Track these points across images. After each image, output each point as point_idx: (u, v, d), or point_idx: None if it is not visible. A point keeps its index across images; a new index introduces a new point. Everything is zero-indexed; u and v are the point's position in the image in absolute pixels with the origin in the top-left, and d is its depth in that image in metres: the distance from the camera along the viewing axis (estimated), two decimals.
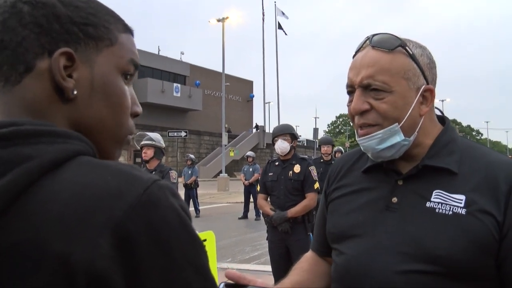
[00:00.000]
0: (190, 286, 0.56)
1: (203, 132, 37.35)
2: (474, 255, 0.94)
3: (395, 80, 1.01)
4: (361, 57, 1.06)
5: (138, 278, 0.53)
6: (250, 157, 13.35)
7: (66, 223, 0.52)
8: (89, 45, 0.65)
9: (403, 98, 1.02)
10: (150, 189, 0.56)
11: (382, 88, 1.01)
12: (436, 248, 0.96)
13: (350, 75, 1.07)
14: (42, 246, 0.50)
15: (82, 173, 0.56)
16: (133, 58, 0.71)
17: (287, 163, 4.42)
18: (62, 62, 0.62)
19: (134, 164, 5.40)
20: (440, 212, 0.99)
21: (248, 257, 7.54)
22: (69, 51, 0.63)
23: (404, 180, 1.07)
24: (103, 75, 0.66)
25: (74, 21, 0.64)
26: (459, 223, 0.96)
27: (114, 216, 0.52)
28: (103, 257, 0.51)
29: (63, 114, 0.63)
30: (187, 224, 0.58)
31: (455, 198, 0.99)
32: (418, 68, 1.04)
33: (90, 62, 0.65)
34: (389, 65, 1.02)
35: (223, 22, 28.25)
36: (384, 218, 1.05)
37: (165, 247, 0.55)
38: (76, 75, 0.64)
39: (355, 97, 1.04)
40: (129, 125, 0.71)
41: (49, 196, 0.53)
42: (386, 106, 1.01)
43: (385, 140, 1.03)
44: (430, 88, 1.06)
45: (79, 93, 0.64)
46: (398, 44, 1.03)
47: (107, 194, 0.54)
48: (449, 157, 1.04)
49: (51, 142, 0.58)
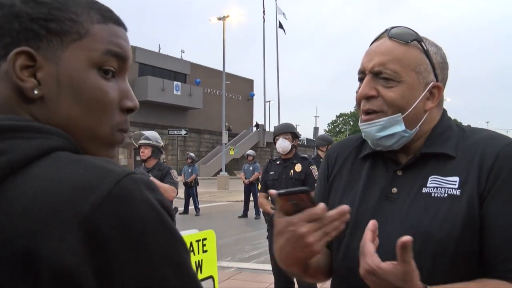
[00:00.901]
0: (167, 282, 0.54)
1: (203, 131, 37.34)
2: (469, 235, 0.96)
3: (406, 71, 1.03)
4: (376, 46, 1.09)
5: (109, 274, 0.51)
6: (250, 156, 13.35)
7: (32, 219, 0.50)
8: (53, 41, 0.62)
9: (411, 90, 1.04)
10: (122, 182, 0.54)
11: (392, 77, 1.03)
12: (432, 231, 0.98)
13: (363, 60, 1.09)
14: (7, 243, 0.49)
15: (54, 169, 0.55)
16: (110, 48, 0.65)
17: (289, 162, 4.42)
18: (20, 61, 0.60)
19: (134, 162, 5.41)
20: (435, 196, 1.01)
21: (248, 256, 7.54)
22: (27, 49, 0.60)
23: (403, 170, 1.08)
24: (71, 71, 0.63)
25: (32, 18, 0.61)
26: (454, 204, 0.98)
27: (82, 210, 0.51)
28: (70, 252, 0.49)
29: (31, 114, 0.62)
30: (163, 218, 0.55)
31: (449, 180, 1.01)
32: (430, 65, 1.06)
33: (55, 59, 0.62)
34: (402, 56, 1.04)
35: (224, 21, 28.26)
36: (384, 208, 1.07)
37: (138, 242, 0.52)
38: (40, 74, 0.61)
39: (364, 82, 1.07)
40: (115, 121, 0.67)
41: (18, 192, 0.52)
42: (393, 94, 1.04)
43: (386, 128, 1.05)
44: (439, 85, 1.07)
45: (46, 92, 0.62)
46: (414, 38, 1.06)
47: (77, 188, 0.52)
48: (445, 143, 1.06)
49: (29, 137, 0.56)
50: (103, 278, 0.51)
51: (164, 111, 38.01)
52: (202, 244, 2.10)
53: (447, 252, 0.97)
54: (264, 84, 40.34)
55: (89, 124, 0.64)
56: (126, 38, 0.69)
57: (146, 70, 37.93)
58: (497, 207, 0.96)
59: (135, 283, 0.52)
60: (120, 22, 0.69)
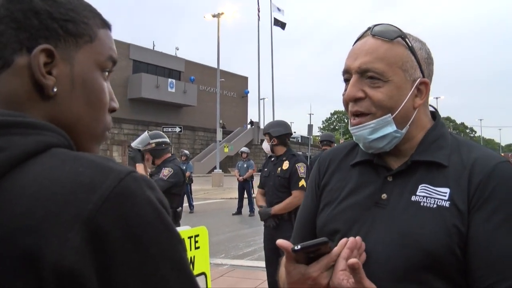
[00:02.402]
0: (167, 282, 0.54)
1: (197, 128, 37.27)
2: (457, 247, 0.95)
3: (392, 70, 1.01)
4: (360, 45, 1.06)
5: (111, 273, 0.51)
6: (244, 153, 13.37)
7: (34, 218, 0.50)
8: (69, 41, 0.64)
9: (399, 88, 1.02)
10: (124, 181, 0.54)
11: (379, 76, 1.01)
12: (420, 241, 0.96)
13: (347, 61, 1.07)
14: (9, 242, 0.49)
15: (53, 166, 0.54)
16: (111, 54, 0.70)
17: (279, 159, 4.44)
18: (42, 59, 0.61)
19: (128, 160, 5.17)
20: (424, 206, 0.99)
21: (242, 253, 7.56)
22: (49, 47, 0.62)
23: (393, 177, 1.07)
24: (83, 72, 0.65)
25: (53, 17, 0.63)
26: (443, 215, 0.97)
27: (85, 209, 0.51)
28: (72, 251, 0.49)
29: (41, 111, 0.62)
30: (164, 217, 0.56)
31: (439, 191, 1.00)
32: (415, 61, 1.04)
33: (70, 59, 0.64)
34: (388, 54, 1.02)
35: (218, 18, 28.19)
36: (373, 214, 1.05)
37: (140, 241, 0.53)
38: (56, 72, 0.63)
39: (351, 83, 1.04)
40: (107, 121, 0.70)
41: (18, 190, 0.52)
42: (381, 95, 1.01)
43: (377, 130, 1.03)
44: (426, 81, 1.06)
45: (59, 90, 0.63)
46: (398, 35, 1.04)
47: (78, 187, 0.52)
48: (438, 151, 1.05)
49: (25, 133, 0.56)
50: (105, 277, 0.51)
51: (159, 109, 37.88)
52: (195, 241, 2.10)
53: (435, 263, 0.96)
54: (259, 82, 40.42)
55: (91, 123, 0.67)
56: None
57: (141, 67, 37.76)
58: (476, 225, 0.96)
59: (136, 282, 0.52)
60: (110, 26, 0.72)
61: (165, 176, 4.19)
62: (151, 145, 4.39)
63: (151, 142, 4.41)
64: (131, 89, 36.34)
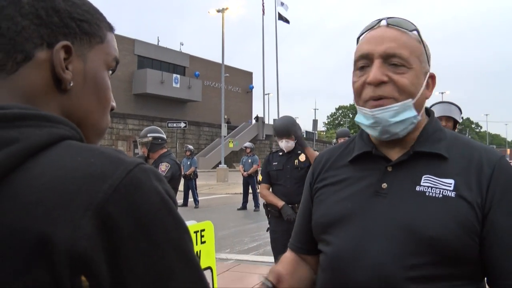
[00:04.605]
0: (173, 270, 0.56)
1: (202, 123, 37.29)
2: (463, 236, 0.97)
3: (413, 59, 1.05)
4: (380, 32, 1.07)
5: (120, 260, 0.53)
6: (248, 148, 13.33)
7: (47, 205, 0.52)
8: (84, 40, 0.68)
9: (418, 77, 1.06)
10: (133, 172, 0.57)
11: (404, 62, 1.03)
12: (426, 230, 0.98)
13: (367, 46, 1.07)
14: (23, 228, 0.51)
15: (66, 156, 0.57)
16: (116, 56, 0.75)
17: (292, 153, 4.44)
18: (62, 54, 0.65)
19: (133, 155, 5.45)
20: (430, 195, 1.01)
21: (247, 248, 7.58)
22: (69, 44, 0.66)
23: (393, 167, 1.08)
24: (94, 69, 0.70)
25: (72, 17, 0.67)
26: (449, 205, 0.99)
27: (96, 197, 0.53)
28: (84, 237, 0.51)
29: (57, 104, 0.66)
30: (171, 208, 0.59)
31: (444, 182, 1.02)
32: (426, 55, 1.09)
33: (83, 56, 0.68)
34: (409, 43, 1.05)
35: (223, 13, 28.11)
36: (373, 204, 1.06)
37: (148, 230, 0.55)
38: (71, 67, 0.66)
39: (375, 67, 1.04)
40: (108, 119, 0.75)
41: (32, 179, 0.54)
42: (406, 80, 1.03)
43: (399, 113, 1.04)
44: (434, 75, 1.12)
45: (73, 85, 0.67)
46: (414, 28, 1.08)
47: (90, 177, 0.54)
48: (438, 143, 1.08)
49: (39, 125, 0.59)
50: (114, 263, 0.53)
51: (163, 104, 37.96)
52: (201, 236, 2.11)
53: (440, 251, 0.97)
54: (264, 77, 40.29)
55: (98, 118, 0.71)
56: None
57: (145, 63, 37.82)
58: (498, 222, 0.99)
59: (143, 269, 0.54)
60: (114, 30, 0.77)
61: (163, 172, 4.30)
62: (148, 139, 4.54)
63: (149, 135, 4.56)
64: (136, 84, 36.42)
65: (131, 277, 0.54)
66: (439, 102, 4.22)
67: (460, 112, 4.09)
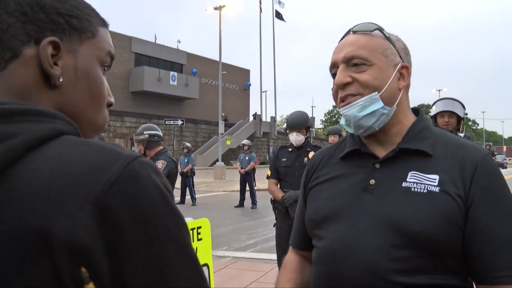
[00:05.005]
0: (171, 262, 0.57)
1: (199, 121, 37.27)
2: (447, 230, 1.01)
3: (374, 55, 1.11)
4: (343, 41, 1.18)
5: (119, 252, 0.54)
6: (245, 146, 13.31)
7: (46, 198, 0.53)
8: (73, 36, 0.68)
9: (382, 71, 1.11)
10: (131, 165, 0.57)
11: (363, 61, 1.11)
12: (411, 225, 1.01)
13: (333, 57, 1.17)
14: (23, 221, 0.52)
15: (65, 150, 0.58)
16: (110, 50, 0.75)
17: (302, 150, 4.41)
18: (50, 50, 0.65)
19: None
20: (415, 191, 1.05)
21: (244, 245, 7.59)
22: (56, 40, 0.66)
23: (381, 164, 1.13)
24: (85, 65, 0.70)
25: (60, 12, 0.67)
26: (433, 200, 1.03)
27: (95, 190, 0.54)
28: (83, 230, 0.52)
29: (48, 101, 0.66)
30: (169, 201, 0.60)
31: (429, 177, 1.06)
32: (394, 48, 1.14)
33: (73, 52, 0.68)
34: (368, 42, 1.13)
35: (220, 10, 28.07)
36: (362, 200, 1.10)
37: (146, 222, 0.56)
38: (61, 63, 0.66)
39: (339, 71, 1.14)
40: (106, 114, 0.75)
41: (31, 172, 0.55)
42: (367, 76, 1.11)
43: (366, 107, 1.10)
44: (407, 65, 1.15)
45: (64, 81, 0.67)
46: (375, 27, 1.15)
47: (88, 170, 0.55)
48: (423, 141, 1.12)
49: (37, 121, 0.59)
50: (113, 255, 0.54)
51: (161, 102, 37.90)
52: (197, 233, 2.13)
53: (425, 245, 1.01)
54: (261, 74, 40.29)
55: (93, 114, 0.71)
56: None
57: (142, 60, 37.73)
58: (479, 218, 1.02)
59: (142, 260, 0.55)
60: (108, 25, 0.77)
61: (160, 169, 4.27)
62: (144, 136, 4.50)
63: (145, 133, 4.53)
64: (133, 82, 36.32)
65: (130, 269, 0.54)
66: (442, 98, 4.23)
67: (464, 108, 4.10)
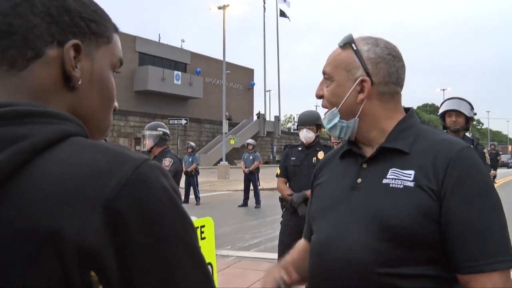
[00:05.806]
0: (179, 263, 0.58)
1: (203, 120, 37.32)
2: (423, 223, 1.07)
3: (337, 71, 1.22)
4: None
5: (127, 255, 0.54)
6: (250, 145, 13.33)
7: (56, 200, 0.53)
8: (92, 40, 0.70)
9: (340, 86, 1.21)
10: (140, 168, 0.58)
11: (328, 77, 1.24)
12: (389, 218, 1.09)
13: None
14: (32, 223, 0.52)
15: (74, 153, 0.58)
16: (121, 57, 0.77)
17: (311, 149, 4.38)
18: (72, 52, 0.66)
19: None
20: (393, 187, 1.13)
21: (248, 245, 7.59)
22: (79, 43, 0.67)
23: (368, 163, 1.22)
24: (100, 69, 0.71)
25: (82, 16, 0.69)
26: (409, 194, 1.10)
27: (104, 193, 0.54)
28: (93, 232, 0.53)
29: (64, 102, 0.67)
30: (177, 203, 0.60)
31: (406, 173, 1.13)
32: (359, 62, 1.19)
33: (91, 56, 0.70)
34: (336, 58, 1.23)
35: (224, 10, 28.08)
36: (349, 197, 1.20)
37: (155, 225, 0.56)
38: (79, 66, 0.68)
39: (318, 84, 1.28)
40: (111, 119, 0.77)
41: (40, 174, 0.55)
42: (327, 92, 1.24)
43: (330, 121, 1.25)
44: (365, 79, 1.19)
45: (81, 84, 0.68)
46: (346, 41, 1.22)
47: (97, 172, 0.56)
48: (403, 140, 1.18)
49: (47, 122, 0.60)
50: (122, 257, 0.54)
51: (165, 101, 37.97)
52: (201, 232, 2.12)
53: (403, 237, 1.07)
54: (265, 74, 40.33)
55: (103, 117, 0.73)
56: None
57: (146, 60, 37.82)
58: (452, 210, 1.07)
59: (150, 262, 0.56)
60: (118, 31, 0.78)
61: (167, 167, 4.32)
62: (158, 132, 4.54)
63: (159, 129, 4.57)
64: (137, 81, 36.41)
65: (138, 272, 0.55)
66: (450, 98, 4.19)
67: (472, 108, 4.05)
